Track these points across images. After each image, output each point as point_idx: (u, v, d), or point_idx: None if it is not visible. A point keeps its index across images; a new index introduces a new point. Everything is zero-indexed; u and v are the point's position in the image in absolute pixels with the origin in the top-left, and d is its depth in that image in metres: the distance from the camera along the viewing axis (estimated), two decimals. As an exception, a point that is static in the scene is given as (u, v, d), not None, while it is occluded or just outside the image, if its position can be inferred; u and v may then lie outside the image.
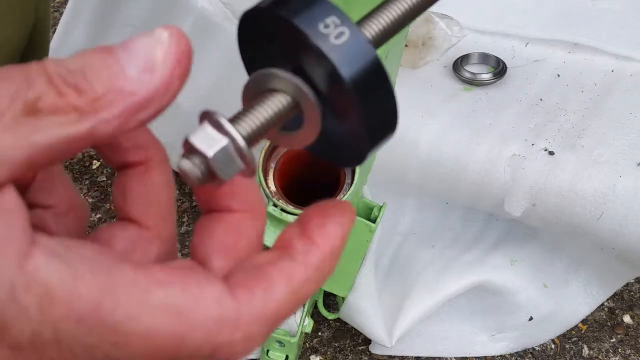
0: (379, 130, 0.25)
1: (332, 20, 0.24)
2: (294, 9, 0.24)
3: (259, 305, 0.24)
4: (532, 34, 1.08)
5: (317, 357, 1.11)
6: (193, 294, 0.23)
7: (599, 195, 0.91)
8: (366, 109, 0.24)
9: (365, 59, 0.24)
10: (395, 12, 0.27)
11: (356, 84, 0.24)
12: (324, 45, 0.23)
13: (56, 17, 1.52)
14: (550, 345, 1.12)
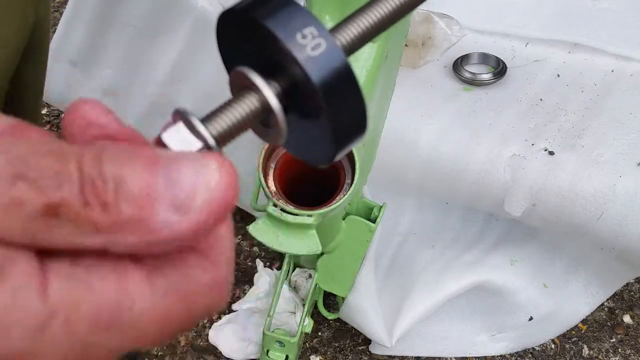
0: (347, 135, 0.27)
1: (310, 30, 0.25)
2: (273, 16, 0.25)
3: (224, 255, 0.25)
4: (532, 34, 1.08)
5: (317, 357, 1.11)
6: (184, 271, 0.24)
7: (599, 195, 0.91)
8: (335, 116, 0.25)
9: (338, 70, 0.25)
10: (371, 18, 0.27)
11: (326, 92, 0.25)
12: (300, 56, 0.24)
13: (56, 17, 1.52)
14: (550, 345, 1.12)
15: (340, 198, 0.77)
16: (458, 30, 1.05)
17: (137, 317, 0.23)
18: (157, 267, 0.23)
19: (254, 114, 0.26)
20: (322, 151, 0.27)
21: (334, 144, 0.26)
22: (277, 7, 0.25)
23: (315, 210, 0.75)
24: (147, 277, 0.23)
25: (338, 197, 0.77)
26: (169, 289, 0.23)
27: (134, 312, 0.23)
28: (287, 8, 0.25)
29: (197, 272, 0.24)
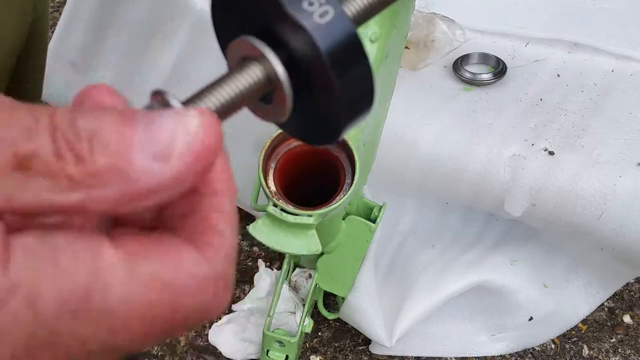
0: (355, 107, 0.25)
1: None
2: None
3: (222, 254, 0.24)
4: (532, 33, 1.08)
5: (317, 357, 1.11)
6: (173, 261, 0.23)
7: (599, 195, 0.91)
8: (344, 85, 0.24)
9: (347, 38, 0.24)
10: None
11: (335, 61, 0.23)
12: (307, 23, 0.23)
13: (55, 17, 1.52)
14: (550, 345, 1.12)
15: (340, 198, 0.77)
16: (460, 35, 1.05)
17: (112, 304, 0.21)
18: (141, 252, 0.22)
19: (256, 87, 0.24)
20: (326, 128, 0.26)
21: (341, 119, 0.25)
22: None
23: (315, 210, 0.75)
24: (127, 261, 0.22)
25: (338, 197, 0.77)
26: (153, 278, 0.22)
27: (109, 298, 0.21)
28: None
29: (189, 265, 0.23)
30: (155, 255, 0.22)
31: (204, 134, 0.21)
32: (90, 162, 0.21)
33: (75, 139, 0.21)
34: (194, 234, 0.24)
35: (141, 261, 0.22)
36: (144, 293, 0.22)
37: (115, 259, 0.21)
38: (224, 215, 0.24)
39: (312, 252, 0.77)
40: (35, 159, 0.20)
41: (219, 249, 0.24)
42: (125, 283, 0.21)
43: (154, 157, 0.21)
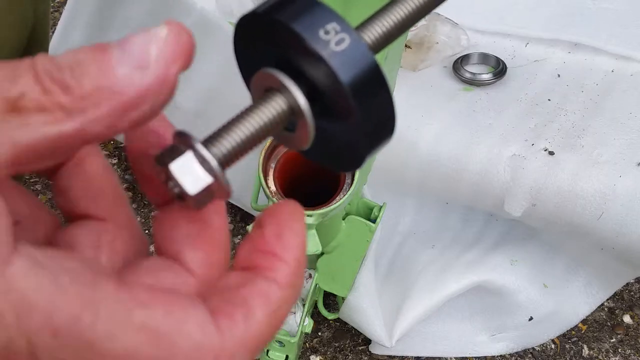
0: (377, 135, 0.25)
1: (333, 26, 0.24)
2: (294, 15, 0.24)
3: (240, 333, 0.23)
4: (532, 34, 1.08)
5: (317, 357, 1.11)
6: (176, 318, 0.22)
7: (599, 195, 0.91)
8: (365, 114, 0.24)
9: (365, 65, 0.24)
10: (395, 17, 0.26)
11: (355, 90, 0.24)
12: (324, 52, 0.23)
13: (56, 17, 1.52)
14: (550, 345, 1.12)
15: (340, 198, 0.77)
16: (465, 40, 1.05)
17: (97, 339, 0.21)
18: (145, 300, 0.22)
19: (280, 118, 0.25)
20: (348, 156, 0.26)
21: (362, 147, 0.25)
22: (298, 6, 0.24)
23: (315, 210, 0.75)
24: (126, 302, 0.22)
25: (338, 197, 0.77)
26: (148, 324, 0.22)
27: (95, 331, 0.21)
28: (308, 6, 0.24)
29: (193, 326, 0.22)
30: (158, 306, 0.22)
31: (174, 37, 0.23)
32: (77, 87, 0.22)
33: (58, 73, 0.22)
34: (224, 302, 0.24)
35: (141, 306, 0.22)
36: (133, 337, 0.21)
37: (115, 296, 0.21)
38: (267, 303, 0.24)
39: (312, 252, 0.77)
40: (24, 99, 0.21)
41: (237, 326, 0.23)
42: (116, 321, 0.21)
43: (133, 67, 0.22)
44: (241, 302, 0.23)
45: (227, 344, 0.23)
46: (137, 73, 0.22)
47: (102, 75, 0.22)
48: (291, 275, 0.24)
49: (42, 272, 0.21)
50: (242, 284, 0.24)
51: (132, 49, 0.22)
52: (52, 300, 0.21)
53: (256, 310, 0.23)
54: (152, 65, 0.22)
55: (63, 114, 0.21)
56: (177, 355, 0.22)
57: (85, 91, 0.22)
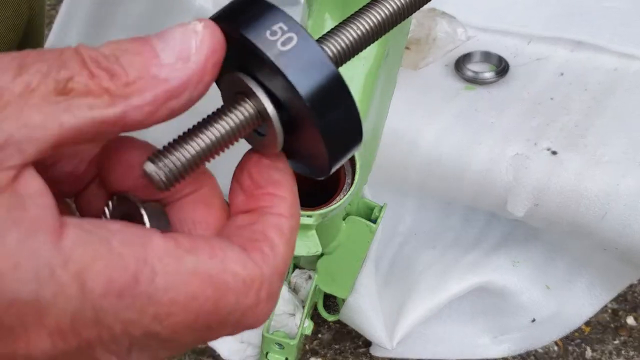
0: (339, 138, 0.25)
1: (279, 26, 0.24)
2: (242, 18, 0.24)
3: (272, 262, 0.26)
4: (535, 32, 1.08)
5: (317, 359, 1.10)
6: (220, 259, 0.24)
7: (602, 195, 0.90)
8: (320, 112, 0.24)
9: (316, 62, 0.24)
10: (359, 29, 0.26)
11: (307, 87, 0.23)
12: (270, 52, 0.23)
13: (52, 16, 1.51)
14: (553, 347, 1.11)
15: (341, 198, 0.76)
16: (462, 33, 1.04)
17: (158, 291, 0.22)
18: (189, 246, 0.24)
19: (248, 122, 0.25)
20: (316, 164, 0.26)
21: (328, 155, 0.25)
22: (246, 9, 0.24)
23: (315, 210, 0.74)
24: (175, 252, 0.23)
25: (338, 197, 0.76)
26: (198, 270, 0.23)
27: (155, 285, 0.22)
28: (256, 8, 0.24)
29: (234, 263, 0.24)
30: (202, 251, 0.24)
31: (210, 32, 0.24)
32: (123, 74, 0.23)
33: (104, 60, 0.23)
34: (248, 241, 0.26)
35: (188, 253, 0.24)
36: (189, 283, 0.23)
37: (164, 249, 0.23)
38: (281, 233, 0.27)
39: (312, 253, 0.76)
40: (72, 82, 0.22)
41: (268, 257, 0.26)
42: (172, 272, 0.23)
43: (176, 58, 0.24)
44: (262, 236, 0.26)
45: (265, 274, 0.25)
46: (179, 64, 0.24)
47: (148, 64, 0.23)
48: (291, 206, 0.28)
49: (95, 240, 0.22)
50: (255, 222, 0.27)
51: (174, 41, 0.24)
52: (110, 265, 0.22)
53: (276, 240, 0.26)
54: (193, 57, 0.24)
55: (108, 98, 0.23)
56: (229, 291, 0.24)
57: (131, 78, 0.23)
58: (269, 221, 0.27)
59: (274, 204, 0.27)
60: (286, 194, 0.27)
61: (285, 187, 0.28)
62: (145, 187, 0.27)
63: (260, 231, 0.26)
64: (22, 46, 0.63)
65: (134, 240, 0.23)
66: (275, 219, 0.27)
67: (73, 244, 0.22)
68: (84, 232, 0.22)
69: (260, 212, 0.27)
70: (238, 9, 0.24)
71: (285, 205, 0.27)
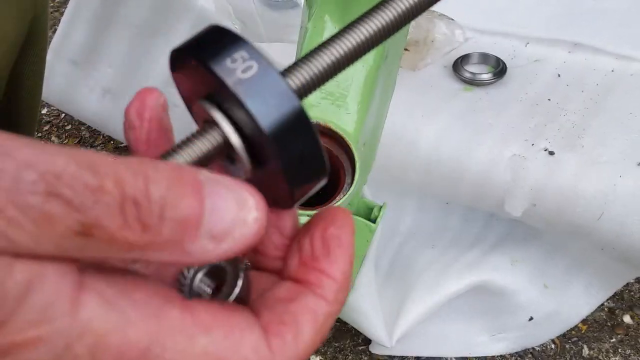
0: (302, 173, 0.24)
1: (241, 54, 0.23)
2: (204, 45, 0.24)
3: (290, 352, 0.24)
4: (533, 33, 1.08)
5: (317, 357, 1.11)
6: (234, 341, 0.23)
7: (600, 195, 0.90)
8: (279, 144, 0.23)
9: (275, 90, 0.23)
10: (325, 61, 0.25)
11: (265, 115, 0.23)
12: (229, 80, 0.23)
13: (55, 17, 1.52)
14: (550, 345, 1.12)
15: (340, 198, 0.76)
16: (460, 34, 1.05)
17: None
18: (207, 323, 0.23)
19: (216, 150, 0.24)
20: (281, 194, 0.25)
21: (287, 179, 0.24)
22: (208, 37, 0.24)
23: (315, 210, 0.75)
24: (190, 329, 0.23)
25: (338, 197, 0.77)
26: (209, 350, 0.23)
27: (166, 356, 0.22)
28: (220, 37, 0.24)
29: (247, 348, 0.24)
30: (218, 330, 0.23)
31: (258, 227, 0.23)
32: (156, 232, 0.21)
33: (147, 207, 0.21)
34: (275, 321, 0.25)
35: (203, 333, 0.23)
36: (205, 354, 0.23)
37: (179, 325, 0.23)
38: (314, 319, 0.25)
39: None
40: (98, 228, 0.20)
41: (288, 345, 0.24)
42: (181, 350, 0.22)
43: (212, 237, 0.22)
44: (292, 320, 0.25)
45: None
46: (211, 244, 0.22)
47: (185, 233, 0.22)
48: (338, 291, 0.26)
49: (112, 310, 0.21)
50: (292, 299, 0.25)
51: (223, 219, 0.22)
52: (123, 337, 0.21)
53: (304, 327, 0.25)
54: (228, 242, 0.22)
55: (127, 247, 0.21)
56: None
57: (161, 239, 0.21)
58: (306, 303, 0.25)
59: (321, 283, 0.26)
60: (338, 275, 0.26)
61: (339, 266, 0.26)
62: None
63: (293, 313, 0.25)
64: (27, 45, 0.63)
65: (152, 312, 0.22)
66: (315, 302, 0.25)
67: (91, 315, 0.21)
68: (104, 301, 0.21)
69: (304, 288, 0.26)
70: (203, 39, 0.24)
71: (332, 288, 0.26)
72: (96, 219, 0.20)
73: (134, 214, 0.21)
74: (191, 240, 0.22)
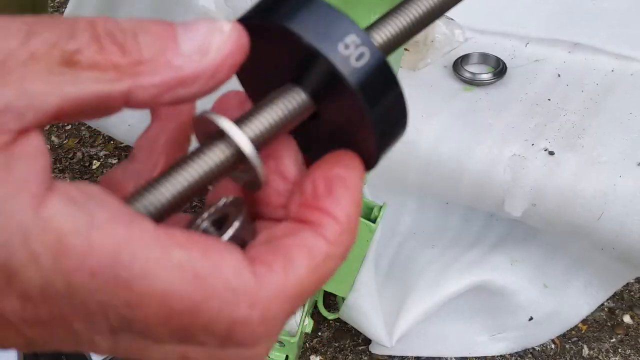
0: (389, 135, 0.25)
1: (352, 39, 0.23)
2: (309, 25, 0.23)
3: (278, 281, 0.23)
4: (532, 33, 1.08)
5: (317, 357, 1.11)
6: (212, 260, 0.22)
7: (599, 195, 0.90)
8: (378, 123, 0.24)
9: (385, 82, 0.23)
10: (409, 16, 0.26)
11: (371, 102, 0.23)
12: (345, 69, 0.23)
13: (56, 17, 1.52)
14: (550, 345, 1.12)
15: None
16: (460, 34, 1.05)
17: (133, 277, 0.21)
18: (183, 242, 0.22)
19: (225, 165, 0.24)
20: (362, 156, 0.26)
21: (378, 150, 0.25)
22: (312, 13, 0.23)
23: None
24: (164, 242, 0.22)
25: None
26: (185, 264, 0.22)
27: (131, 270, 0.21)
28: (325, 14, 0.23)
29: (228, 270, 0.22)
30: (196, 249, 0.22)
31: (236, 34, 0.23)
32: (136, 51, 0.22)
33: (120, 35, 0.22)
34: (264, 253, 0.24)
35: (179, 247, 0.22)
36: (169, 276, 0.21)
37: (153, 236, 0.22)
38: (311, 256, 0.24)
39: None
40: (79, 54, 0.22)
41: (275, 274, 0.23)
42: (153, 260, 0.21)
43: (195, 49, 0.23)
44: (283, 252, 0.23)
45: (262, 291, 0.22)
46: (197, 56, 0.23)
47: (165, 48, 0.23)
48: (341, 232, 0.24)
49: (78, 211, 0.21)
50: (288, 234, 0.24)
51: (197, 33, 0.23)
52: (88, 241, 0.21)
53: (297, 261, 0.23)
54: (212, 52, 0.23)
55: (115, 74, 0.22)
56: (212, 296, 0.22)
57: (144, 57, 0.22)
58: (302, 238, 0.24)
59: (322, 222, 0.24)
60: (341, 216, 0.24)
61: (343, 207, 0.25)
62: None
63: (286, 247, 0.24)
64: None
65: (123, 219, 0.21)
66: (313, 238, 0.24)
67: (54, 212, 0.20)
68: (70, 201, 0.21)
69: (302, 225, 0.24)
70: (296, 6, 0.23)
71: (334, 229, 0.24)
72: (76, 47, 0.21)
73: (109, 39, 0.22)
74: (175, 54, 0.22)
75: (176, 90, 0.23)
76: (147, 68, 0.22)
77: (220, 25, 0.23)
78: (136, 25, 0.23)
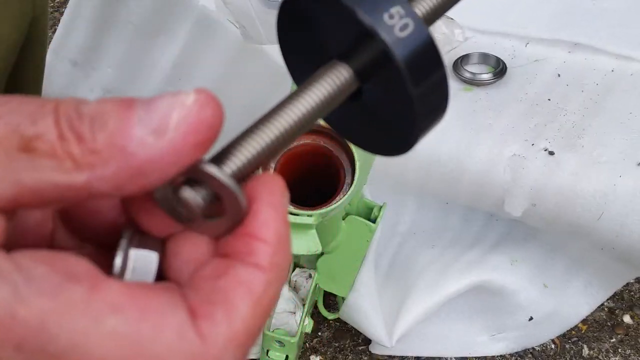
0: (428, 120, 0.25)
1: (397, 10, 0.23)
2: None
3: (224, 333, 0.21)
4: (532, 33, 1.08)
5: (317, 357, 1.11)
6: (152, 322, 0.21)
7: (599, 195, 0.91)
8: (421, 100, 0.23)
9: (428, 54, 0.23)
10: None
11: (414, 76, 0.23)
12: (389, 38, 0.22)
13: (56, 18, 1.52)
14: (550, 345, 1.12)
15: (340, 198, 0.76)
16: (460, 34, 1.05)
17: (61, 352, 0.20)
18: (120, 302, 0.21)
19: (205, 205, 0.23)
20: (400, 140, 0.25)
21: (418, 130, 0.24)
22: None
23: (315, 210, 0.75)
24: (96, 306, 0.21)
25: (338, 197, 0.77)
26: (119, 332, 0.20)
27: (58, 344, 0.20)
28: None
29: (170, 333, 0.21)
30: (131, 311, 0.21)
31: (199, 107, 0.21)
32: (90, 140, 0.21)
33: (78, 120, 0.21)
34: (203, 301, 0.22)
35: (112, 312, 0.21)
36: (103, 345, 0.20)
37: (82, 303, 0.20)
38: (249, 292, 0.22)
39: (312, 252, 0.77)
40: (39, 141, 0.20)
41: (219, 326, 0.21)
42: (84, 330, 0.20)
43: (150, 131, 0.21)
44: (222, 297, 0.22)
45: (210, 349, 0.21)
46: (152, 138, 0.21)
47: (118, 133, 0.21)
48: (273, 254, 0.22)
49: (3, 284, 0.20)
50: (221, 274, 0.22)
51: (155, 110, 0.21)
52: (11, 312, 0.20)
53: (238, 303, 0.22)
54: (170, 132, 0.21)
55: (72, 164, 0.21)
56: None
57: (97, 146, 0.21)
58: (236, 275, 0.22)
59: (251, 249, 0.22)
60: (270, 236, 0.23)
61: (271, 226, 0.23)
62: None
63: (222, 289, 0.22)
64: (27, 46, 0.63)
65: (50, 289, 0.20)
66: (246, 272, 0.22)
67: None
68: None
69: (232, 260, 0.23)
70: None
71: (266, 252, 0.22)
72: (36, 133, 0.20)
73: (67, 125, 0.21)
74: (128, 139, 0.20)
75: (136, 179, 0.21)
76: (100, 158, 0.21)
77: (183, 98, 0.21)
78: (96, 108, 0.21)
